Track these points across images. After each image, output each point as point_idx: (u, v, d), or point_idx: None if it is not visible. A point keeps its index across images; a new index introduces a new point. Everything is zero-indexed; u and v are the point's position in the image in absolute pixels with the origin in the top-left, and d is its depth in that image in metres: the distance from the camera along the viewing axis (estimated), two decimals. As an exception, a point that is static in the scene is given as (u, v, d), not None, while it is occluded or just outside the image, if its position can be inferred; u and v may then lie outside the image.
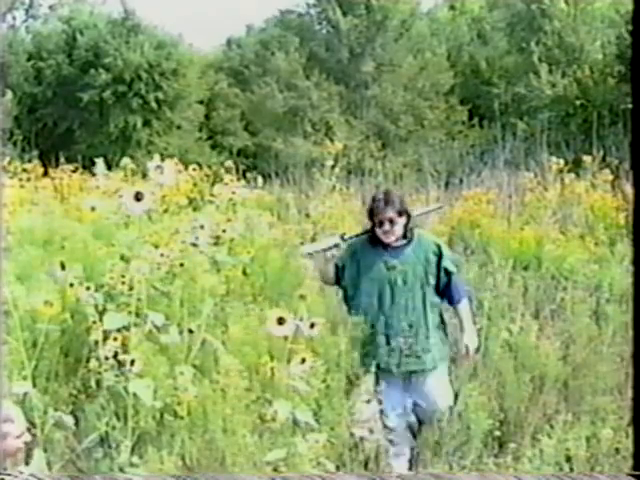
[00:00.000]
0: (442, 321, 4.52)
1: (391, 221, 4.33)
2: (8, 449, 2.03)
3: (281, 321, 3.42)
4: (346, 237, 4.51)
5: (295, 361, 3.42)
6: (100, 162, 7.89)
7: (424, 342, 4.35)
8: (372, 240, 4.42)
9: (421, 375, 4.39)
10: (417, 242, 4.43)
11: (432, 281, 4.41)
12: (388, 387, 4.29)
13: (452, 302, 4.55)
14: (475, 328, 4.59)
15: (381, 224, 4.35)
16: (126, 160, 7.87)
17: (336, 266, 4.48)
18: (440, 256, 4.44)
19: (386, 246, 4.39)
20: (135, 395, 3.38)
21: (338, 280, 4.51)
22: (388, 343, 4.31)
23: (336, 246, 4.44)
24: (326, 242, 4.59)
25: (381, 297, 4.36)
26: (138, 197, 3.21)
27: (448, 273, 4.46)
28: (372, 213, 4.41)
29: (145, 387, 3.38)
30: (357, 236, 4.55)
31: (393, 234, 4.35)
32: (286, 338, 3.45)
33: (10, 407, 2.11)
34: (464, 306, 4.56)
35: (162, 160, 3.37)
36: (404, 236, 4.40)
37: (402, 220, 4.37)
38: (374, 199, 4.45)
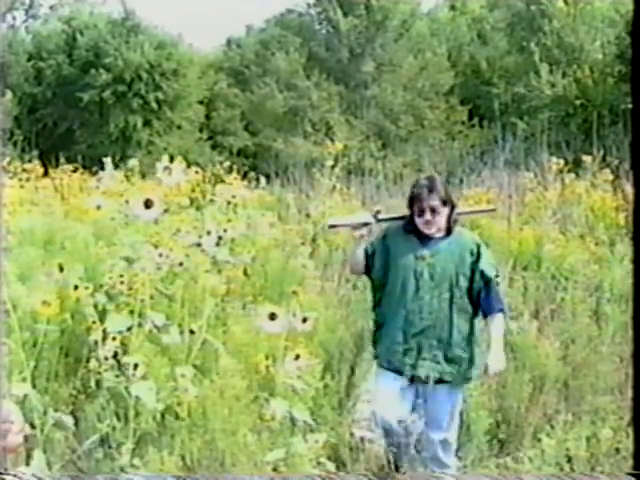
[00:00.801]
0: (472, 334, 3.98)
1: (433, 210, 3.89)
2: (9, 446, 2.05)
3: (273, 317, 3.40)
4: (380, 216, 4.01)
5: (289, 357, 3.41)
6: (108, 162, 7.88)
7: (446, 349, 3.90)
8: (407, 228, 3.98)
9: (435, 391, 3.89)
10: (455, 238, 3.98)
11: (463, 283, 3.93)
12: (398, 388, 3.89)
13: (485, 313, 3.99)
14: (503, 349, 3.97)
15: (422, 213, 3.90)
16: (133, 162, 7.88)
17: (366, 253, 4.01)
18: (478, 257, 3.96)
19: (421, 236, 3.95)
20: (137, 397, 3.37)
21: (368, 269, 4.04)
22: (405, 341, 3.88)
23: (366, 225, 3.91)
24: (356, 218, 4.03)
25: (404, 288, 3.91)
26: (148, 204, 3.18)
27: (485, 278, 3.95)
28: (413, 200, 3.95)
29: (147, 389, 3.37)
30: (393, 219, 4.09)
31: (434, 225, 3.92)
32: (280, 335, 3.43)
33: (7, 404, 2.12)
34: (497, 321, 3.98)
35: (171, 161, 3.34)
36: (446, 230, 3.97)
37: (445, 210, 3.93)
38: (416, 185, 3.99)
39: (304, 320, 3.56)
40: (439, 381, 3.87)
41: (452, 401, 3.97)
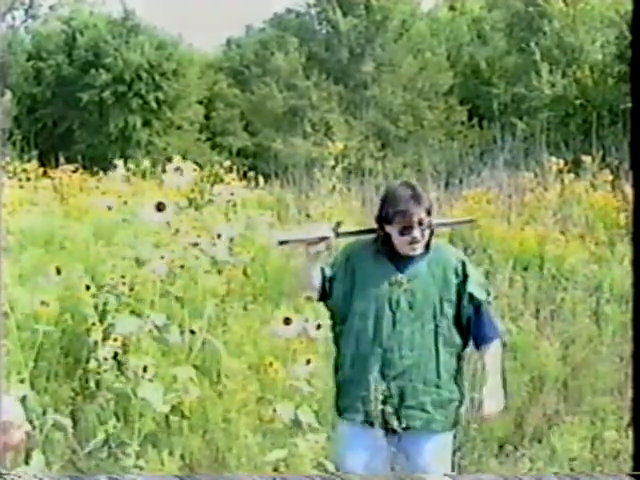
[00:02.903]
0: (459, 370, 3.31)
1: (421, 223, 3.17)
2: (12, 442, 2.04)
3: (288, 321, 3.34)
4: (341, 231, 3.31)
5: (300, 362, 3.36)
6: (120, 164, 7.85)
7: (434, 392, 3.22)
8: (380, 249, 3.28)
9: (419, 437, 3.23)
10: (434, 255, 3.27)
11: (449, 311, 3.24)
12: (375, 444, 3.19)
13: (478, 343, 3.31)
14: (501, 382, 3.30)
15: (408, 230, 3.17)
16: (146, 163, 7.87)
17: (323, 276, 3.30)
18: (465, 277, 3.26)
19: (395, 257, 3.25)
20: (144, 399, 3.34)
21: (324, 295, 3.32)
22: (385, 386, 3.17)
23: (323, 240, 3.22)
24: (311, 232, 3.32)
25: (378, 321, 3.20)
26: (160, 207, 3.15)
27: (475, 303, 3.27)
28: (395, 216, 3.18)
29: (154, 391, 3.34)
30: (355, 234, 3.44)
31: (421, 242, 3.20)
32: (289, 339, 3.40)
33: (9, 401, 2.11)
34: (493, 350, 3.30)
35: (169, 161, 3.33)
36: (425, 246, 3.25)
37: (429, 221, 3.22)
38: (395, 195, 3.22)
39: (318, 327, 3.45)
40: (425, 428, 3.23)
41: (441, 449, 3.30)
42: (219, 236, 4.60)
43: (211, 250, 4.80)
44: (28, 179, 9.51)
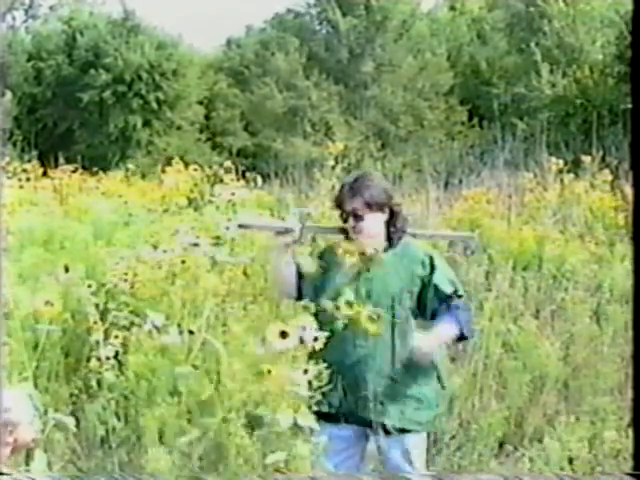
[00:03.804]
0: (424, 370, 3.24)
1: (356, 215, 3.21)
2: (20, 441, 1.99)
3: (284, 335, 3.31)
4: (309, 225, 3.31)
5: (298, 372, 3.32)
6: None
7: (388, 384, 3.19)
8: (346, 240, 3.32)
9: (392, 434, 3.21)
10: (401, 249, 3.28)
11: (408, 302, 3.22)
12: (345, 442, 3.23)
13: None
14: (440, 340, 3.26)
15: (345, 218, 3.26)
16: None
17: (298, 274, 3.31)
18: (432, 269, 3.23)
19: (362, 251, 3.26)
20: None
21: (300, 294, 3.32)
22: (340, 376, 3.12)
23: (287, 231, 3.24)
24: (277, 221, 3.38)
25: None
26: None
27: (440, 295, 3.23)
28: (336, 204, 3.33)
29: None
30: (322, 230, 3.52)
31: (360, 232, 3.22)
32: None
33: (15, 397, 2.07)
34: (448, 328, 3.23)
35: (169, 163, 3.34)
36: (388, 241, 3.28)
37: (377, 217, 3.24)
38: (342, 184, 3.36)
39: (315, 339, 3.43)
40: (384, 425, 3.18)
41: (404, 447, 3.24)
42: (219, 237, 4.60)
43: (211, 250, 4.81)
44: (28, 179, 9.49)
